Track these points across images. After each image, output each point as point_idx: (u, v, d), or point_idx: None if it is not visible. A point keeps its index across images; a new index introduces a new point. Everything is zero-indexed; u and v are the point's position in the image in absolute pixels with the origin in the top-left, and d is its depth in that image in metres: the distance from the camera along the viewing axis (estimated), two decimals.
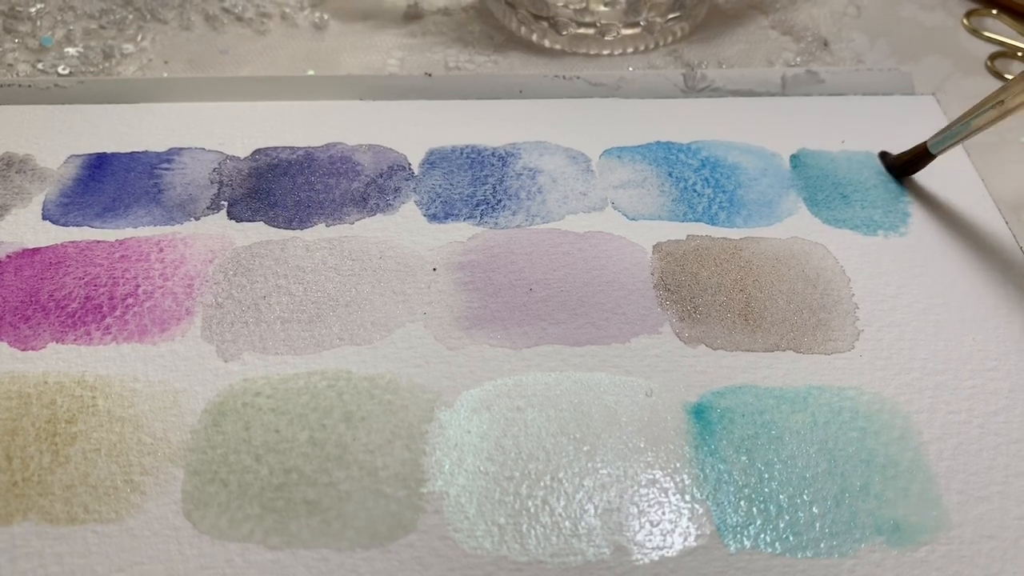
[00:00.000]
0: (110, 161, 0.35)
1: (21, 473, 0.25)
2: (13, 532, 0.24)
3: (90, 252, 0.31)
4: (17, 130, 0.36)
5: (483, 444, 0.26)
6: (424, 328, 0.29)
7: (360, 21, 0.44)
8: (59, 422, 0.26)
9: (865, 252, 0.32)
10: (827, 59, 0.42)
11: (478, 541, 0.24)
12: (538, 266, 0.31)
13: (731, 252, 0.32)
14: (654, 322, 0.29)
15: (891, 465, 0.26)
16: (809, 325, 0.29)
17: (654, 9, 0.41)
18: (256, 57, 0.42)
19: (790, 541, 0.24)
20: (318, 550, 0.24)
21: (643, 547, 0.24)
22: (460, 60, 0.42)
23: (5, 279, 0.30)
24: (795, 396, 0.27)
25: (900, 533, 0.24)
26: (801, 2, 0.46)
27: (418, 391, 0.27)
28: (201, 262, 0.31)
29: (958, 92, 0.40)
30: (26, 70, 0.40)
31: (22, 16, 0.43)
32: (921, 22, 0.45)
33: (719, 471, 0.25)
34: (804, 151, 0.36)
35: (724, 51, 0.43)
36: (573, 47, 0.42)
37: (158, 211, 0.33)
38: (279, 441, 0.26)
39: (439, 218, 0.33)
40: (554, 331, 0.29)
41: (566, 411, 0.27)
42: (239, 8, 0.44)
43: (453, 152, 0.36)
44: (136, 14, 0.44)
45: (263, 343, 0.28)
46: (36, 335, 0.28)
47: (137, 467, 0.25)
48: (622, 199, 0.34)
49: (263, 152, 0.36)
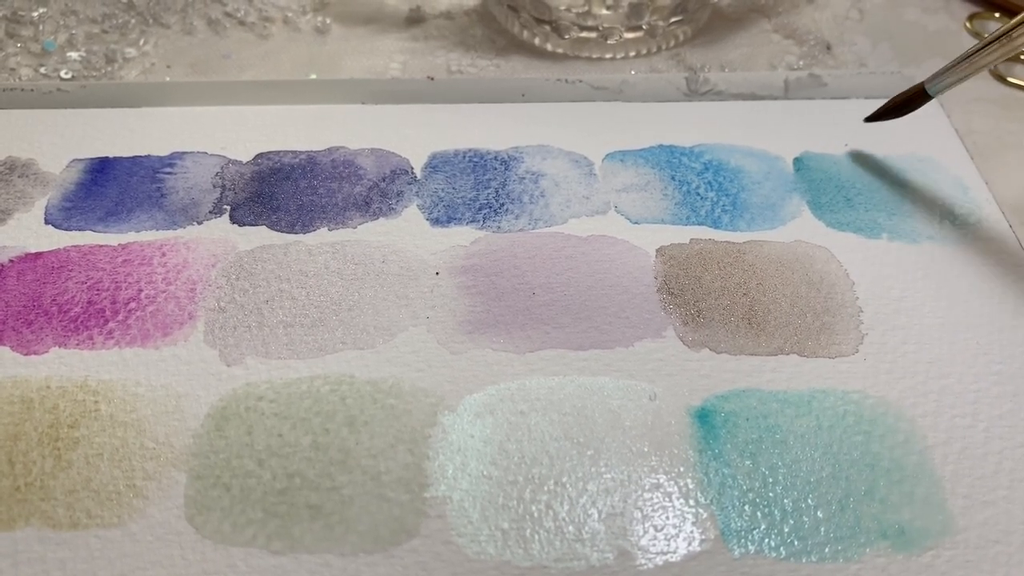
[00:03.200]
0: (112, 165, 0.35)
1: (23, 478, 0.25)
2: (15, 537, 0.24)
3: (93, 256, 0.31)
4: (19, 134, 0.36)
5: (486, 448, 0.26)
6: (427, 332, 0.29)
7: (362, 25, 0.44)
8: (61, 427, 0.26)
9: (869, 255, 0.32)
10: (830, 62, 0.42)
11: (481, 546, 0.24)
12: (541, 270, 0.31)
13: (734, 256, 0.32)
14: (658, 326, 0.29)
15: (896, 469, 0.25)
16: (813, 329, 0.29)
17: (656, 13, 0.41)
18: (258, 61, 0.42)
19: (795, 546, 0.24)
20: (321, 555, 0.24)
21: (647, 552, 0.24)
22: (462, 64, 0.42)
23: (8, 284, 0.30)
24: (799, 400, 0.27)
25: (905, 537, 0.24)
26: (804, 6, 0.46)
27: (421, 395, 0.27)
28: (204, 266, 0.31)
29: (960, 95, 0.40)
30: (29, 74, 0.40)
31: (25, 20, 0.43)
32: (924, 25, 0.45)
33: (723, 475, 0.25)
34: (807, 154, 0.36)
35: (727, 55, 0.43)
36: (575, 51, 0.42)
37: (161, 215, 0.33)
38: (282, 445, 0.26)
39: (442, 222, 0.33)
40: (557, 335, 0.29)
41: (569, 415, 0.27)
42: (241, 12, 0.44)
43: (456, 156, 0.36)
44: (139, 18, 0.44)
45: (266, 347, 0.28)
46: (39, 340, 0.28)
47: (140, 472, 0.25)
48: (625, 203, 0.34)
49: (265, 156, 0.36)
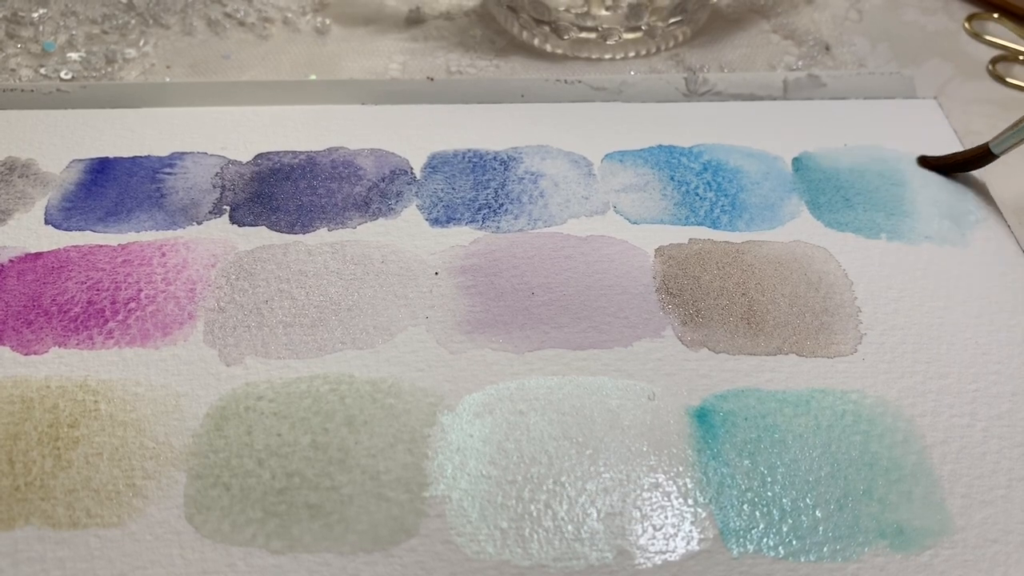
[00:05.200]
0: (112, 166, 0.35)
1: (23, 477, 0.25)
2: (15, 536, 0.24)
3: (92, 256, 0.31)
4: (19, 135, 0.36)
5: (485, 448, 0.26)
6: (426, 332, 0.29)
7: (362, 26, 0.44)
8: (61, 426, 0.26)
9: (868, 255, 0.32)
10: (829, 63, 0.42)
11: (480, 545, 0.24)
12: (540, 270, 0.31)
13: (733, 256, 0.32)
14: (656, 326, 0.29)
15: (894, 469, 0.26)
16: (812, 328, 0.29)
17: (656, 13, 0.41)
18: (258, 62, 0.42)
19: (793, 545, 0.24)
20: (320, 554, 0.24)
21: (646, 551, 0.24)
22: (462, 64, 0.42)
23: (8, 284, 0.30)
24: (798, 400, 0.27)
25: (904, 537, 0.24)
26: (803, 6, 0.46)
27: (420, 395, 0.27)
28: (203, 266, 0.31)
29: (959, 96, 0.40)
30: (29, 75, 0.40)
31: (25, 21, 0.43)
32: (923, 26, 0.45)
33: (722, 475, 0.25)
34: (806, 154, 0.36)
35: (726, 55, 0.43)
36: (575, 51, 0.42)
37: (160, 215, 0.33)
38: (281, 445, 0.26)
39: (441, 222, 0.33)
40: (556, 335, 0.29)
41: (568, 415, 0.27)
42: (241, 13, 0.44)
43: (455, 156, 0.36)
44: (138, 19, 0.44)
45: (265, 347, 0.28)
46: (39, 339, 0.28)
47: (139, 471, 0.25)
48: (624, 203, 0.34)
49: (265, 156, 0.36)
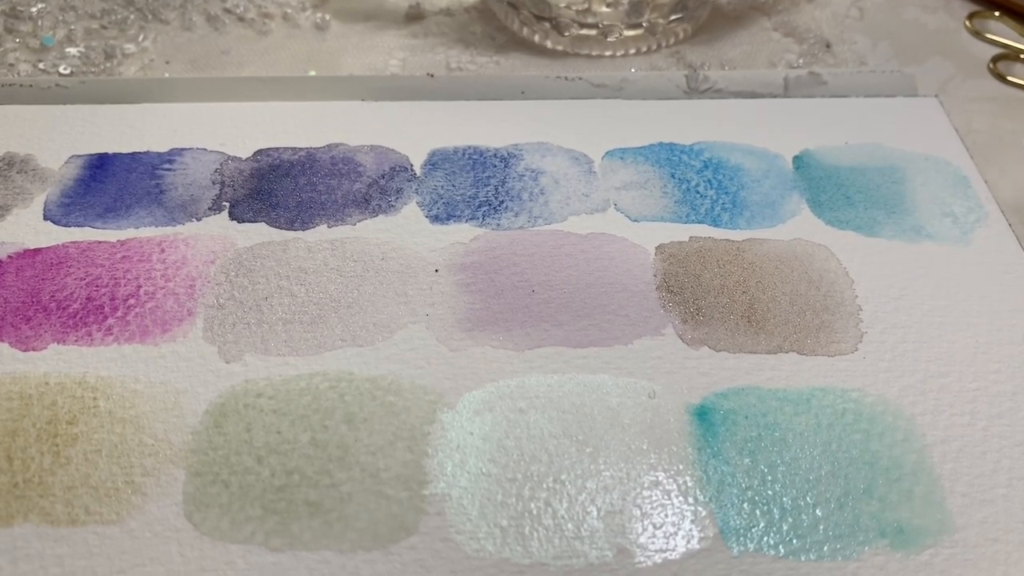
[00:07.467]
0: (111, 161, 0.35)
1: (22, 474, 0.25)
2: (14, 533, 0.24)
3: (91, 253, 0.31)
4: (18, 130, 0.36)
5: (485, 446, 0.26)
6: (426, 329, 0.29)
7: (362, 22, 0.44)
8: (60, 423, 0.26)
9: (868, 253, 0.32)
10: (829, 61, 0.42)
11: (480, 543, 0.24)
12: (540, 268, 0.31)
13: (734, 254, 0.32)
14: (657, 324, 0.29)
15: (895, 468, 0.26)
16: (812, 327, 0.29)
17: (656, 10, 0.41)
18: (258, 58, 0.42)
19: (793, 544, 0.24)
20: (320, 552, 0.24)
21: (646, 549, 0.24)
22: (462, 61, 0.42)
23: (6, 280, 0.30)
24: (798, 398, 0.27)
25: (904, 536, 0.24)
26: (804, 4, 0.46)
27: (420, 392, 0.27)
28: (203, 263, 0.31)
29: (960, 94, 0.40)
30: (27, 70, 0.40)
31: (23, 16, 0.43)
32: (924, 24, 0.45)
33: (722, 473, 0.25)
34: (807, 152, 0.36)
35: (727, 53, 0.43)
36: (575, 48, 0.42)
37: (160, 212, 0.33)
38: (281, 442, 0.26)
39: (441, 219, 0.33)
40: (556, 333, 0.29)
41: (569, 413, 0.27)
42: (241, 8, 0.44)
43: (455, 153, 0.36)
44: (138, 14, 0.44)
45: (265, 344, 0.28)
46: (37, 336, 0.28)
47: (138, 468, 0.25)
48: (624, 200, 0.34)
49: (265, 153, 0.35)
